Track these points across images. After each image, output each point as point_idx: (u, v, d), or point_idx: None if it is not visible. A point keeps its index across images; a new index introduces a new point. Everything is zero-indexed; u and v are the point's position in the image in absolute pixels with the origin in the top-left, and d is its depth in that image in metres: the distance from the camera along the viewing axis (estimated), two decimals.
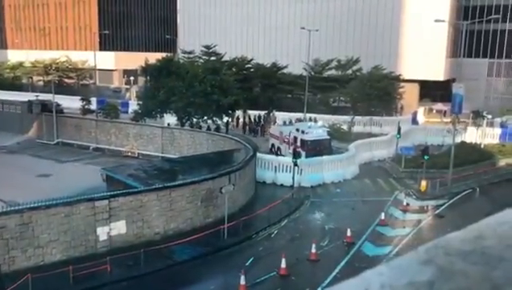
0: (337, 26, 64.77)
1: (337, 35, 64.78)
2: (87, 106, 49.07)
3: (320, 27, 54.41)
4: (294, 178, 29.66)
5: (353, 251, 21.92)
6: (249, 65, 56.53)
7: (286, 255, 19.94)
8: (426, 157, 31.20)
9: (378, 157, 38.61)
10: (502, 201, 26.70)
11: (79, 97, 50.95)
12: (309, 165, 32.03)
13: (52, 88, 48.00)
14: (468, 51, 64.47)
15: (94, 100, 50.45)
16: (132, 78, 74.10)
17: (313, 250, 21.08)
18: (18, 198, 22.27)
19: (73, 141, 44.32)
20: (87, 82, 78.50)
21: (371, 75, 49.95)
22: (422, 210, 28.39)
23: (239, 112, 46.46)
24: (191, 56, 58.89)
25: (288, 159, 31.12)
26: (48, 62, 78.32)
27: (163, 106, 39.98)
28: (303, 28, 47.81)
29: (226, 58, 56.86)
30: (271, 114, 49.72)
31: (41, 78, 78.11)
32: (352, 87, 48.78)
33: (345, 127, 44.58)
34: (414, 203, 29.16)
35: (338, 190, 31.41)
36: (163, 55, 45.56)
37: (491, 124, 46.57)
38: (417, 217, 26.80)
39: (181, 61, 49.93)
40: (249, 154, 29.84)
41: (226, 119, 42.80)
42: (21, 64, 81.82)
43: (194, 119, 40.50)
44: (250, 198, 28.82)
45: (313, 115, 46.36)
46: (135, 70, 59.40)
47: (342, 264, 20.52)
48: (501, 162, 36.88)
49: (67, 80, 78.09)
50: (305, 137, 34.32)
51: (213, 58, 57.08)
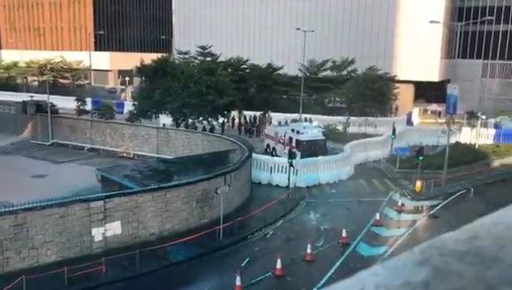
0: (332, 27, 64.90)
1: (332, 36, 64.90)
2: (82, 107, 48.85)
3: (316, 28, 54.48)
4: (289, 179, 29.70)
5: (348, 252, 21.95)
6: (244, 66, 56.57)
7: (281, 256, 19.95)
8: (420, 158, 31.32)
9: (373, 158, 38.71)
10: (496, 202, 26.73)
11: (74, 98, 50.67)
12: (304, 166, 32.07)
13: (47, 88, 47.80)
14: (462, 52, 64.82)
15: (89, 100, 50.25)
16: (127, 78, 73.92)
17: (308, 250, 21.10)
18: (12, 199, 22.13)
19: (68, 142, 44.12)
20: (82, 82, 78.20)
21: (366, 76, 50.10)
22: (417, 211, 28.47)
23: (234, 113, 46.46)
24: (186, 57, 58.90)
25: (284, 160, 31.15)
26: (43, 62, 77.96)
27: (159, 107, 39.91)
28: (299, 29, 47.87)
29: (222, 59, 56.87)
30: (267, 115, 49.75)
31: (36, 78, 77.75)
32: (347, 88, 48.92)
33: (340, 128, 44.65)
34: (408, 203, 29.24)
35: (333, 191, 31.45)
36: (159, 55, 45.49)
37: (485, 125, 46.82)
38: (412, 218, 26.89)
39: (176, 62, 49.85)
40: (244, 154, 29.82)
41: (222, 120, 42.79)
42: (15, 65, 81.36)
43: (189, 120, 40.46)
44: (246, 199, 28.81)
45: (308, 116, 46.48)
46: (130, 70, 59.22)
47: (337, 265, 20.55)
48: (495, 162, 37.11)
49: (62, 80, 77.78)
50: (300, 137, 34.38)
51: (209, 58, 57.12)
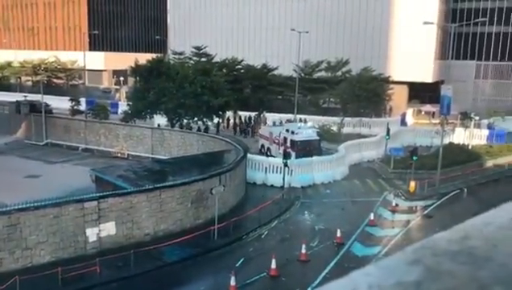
0: (327, 27, 65.02)
1: (327, 37, 65.02)
2: (76, 107, 48.63)
3: (310, 29, 54.54)
4: (284, 179, 29.71)
5: (343, 252, 22.00)
6: (239, 66, 56.51)
7: (276, 256, 19.96)
8: (414, 158, 31.44)
9: (368, 158, 38.81)
10: (489, 202, 26.74)
11: (68, 98, 50.47)
12: (299, 166, 32.11)
13: (41, 88, 47.55)
14: (456, 53, 65.15)
15: (83, 100, 50.06)
16: (122, 79, 73.69)
17: (303, 250, 21.12)
18: (5, 199, 22.01)
19: (62, 142, 43.91)
20: (76, 82, 77.88)
21: (360, 76, 50.25)
22: (410, 211, 28.57)
23: (229, 113, 46.44)
24: (181, 57, 58.76)
25: (278, 160, 31.17)
26: (37, 62, 77.54)
27: (153, 107, 39.80)
28: (293, 30, 47.91)
29: (217, 59, 56.78)
30: (262, 115, 49.77)
31: (30, 78, 77.34)
32: (341, 88, 49.04)
33: (335, 128, 44.75)
34: (402, 203, 29.34)
35: (328, 191, 31.50)
36: (153, 55, 45.33)
37: (478, 125, 47.09)
38: (406, 218, 26.98)
39: (171, 62, 49.74)
40: (239, 155, 29.80)
41: (217, 120, 42.74)
42: (9, 64, 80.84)
43: (184, 120, 40.39)
44: (241, 199, 28.80)
45: (303, 116, 46.56)
46: (125, 70, 59.05)
47: (332, 265, 20.58)
48: (488, 163, 37.33)
49: (56, 80, 77.40)
50: (295, 137, 34.43)
51: (204, 59, 57.00)
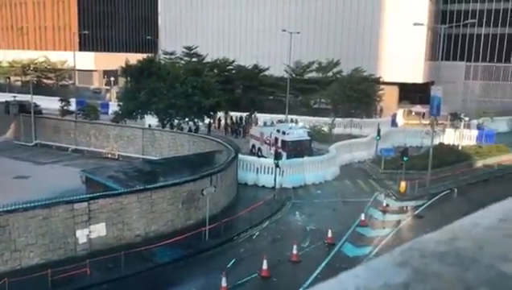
0: (318, 28, 65.23)
1: (318, 38, 65.22)
2: (66, 107, 48.31)
3: (301, 30, 54.69)
4: (275, 179, 29.74)
5: (334, 252, 22.06)
6: (230, 67, 56.51)
7: (267, 257, 19.96)
8: (405, 158, 31.61)
9: (358, 158, 38.96)
10: (479, 202, 27.08)
11: (58, 98, 50.13)
12: (290, 166, 32.15)
13: (31, 88, 47.11)
14: (446, 54, 65.68)
15: (73, 101, 49.72)
16: (112, 79, 73.34)
17: (294, 251, 21.14)
18: None
19: (52, 142, 43.58)
20: (66, 83, 77.33)
21: (351, 77, 50.45)
22: (401, 211, 28.72)
23: (221, 113, 46.39)
24: (172, 57, 58.61)
25: (270, 161, 31.18)
26: (26, 62, 76.94)
27: (144, 107, 39.65)
28: (285, 31, 47.99)
29: (208, 59, 56.73)
30: (253, 116, 49.78)
31: (19, 78, 76.71)
32: (332, 89, 49.18)
33: (326, 129, 44.87)
34: (393, 204, 29.48)
35: (319, 191, 31.57)
36: (144, 55, 45.19)
37: (468, 126, 47.47)
38: (396, 218, 27.12)
39: (162, 62, 49.60)
40: (230, 155, 29.77)
41: (208, 121, 42.65)
42: None
43: (175, 120, 40.27)
44: (232, 200, 28.76)
45: (294, 117, 46.64)
46: (115, 71, 58.84)
47: (323, 265, 20.62)
48: (477, 163, 37.63)
49: (45, 80, 76.87)
50: (286, 138, 34.48)
51: (195, 59, 56.92)
